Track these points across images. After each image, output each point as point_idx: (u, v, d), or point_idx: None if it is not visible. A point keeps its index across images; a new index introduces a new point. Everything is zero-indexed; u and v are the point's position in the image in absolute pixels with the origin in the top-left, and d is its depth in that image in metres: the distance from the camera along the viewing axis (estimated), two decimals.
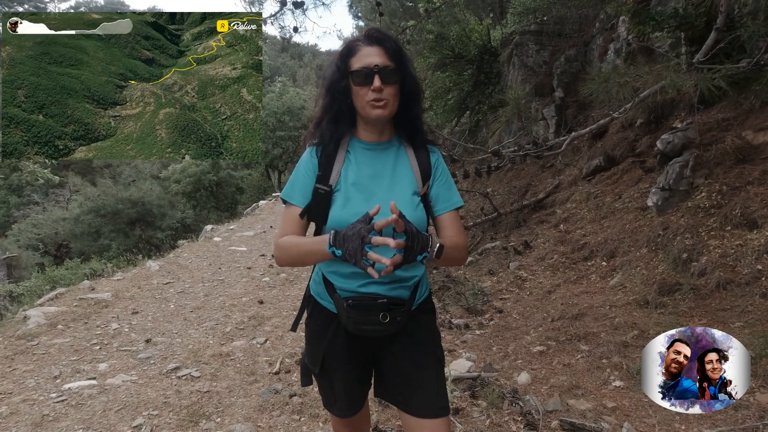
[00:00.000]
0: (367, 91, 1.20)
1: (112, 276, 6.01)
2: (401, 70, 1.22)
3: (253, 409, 2.57)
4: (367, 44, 1.22)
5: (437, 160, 1.34)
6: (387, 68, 1.19)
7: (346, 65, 1.23)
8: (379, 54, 1.20)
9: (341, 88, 1.24)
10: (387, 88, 1.20)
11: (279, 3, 5.83)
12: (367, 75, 1.19)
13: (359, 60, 1.21)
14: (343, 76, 1.23)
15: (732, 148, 3.85)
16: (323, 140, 1.28)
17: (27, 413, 2.56)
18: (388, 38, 1.23)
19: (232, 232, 9.29)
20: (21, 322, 4.04)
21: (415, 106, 1.30)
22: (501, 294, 4.31)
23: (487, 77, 9.10)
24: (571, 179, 5.85)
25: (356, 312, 1.21)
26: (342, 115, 1.26)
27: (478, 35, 9.56)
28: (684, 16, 4.00)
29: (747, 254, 3.18)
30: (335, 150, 1.27)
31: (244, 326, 3.89)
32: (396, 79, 1.21)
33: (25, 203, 21.73)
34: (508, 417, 2.37)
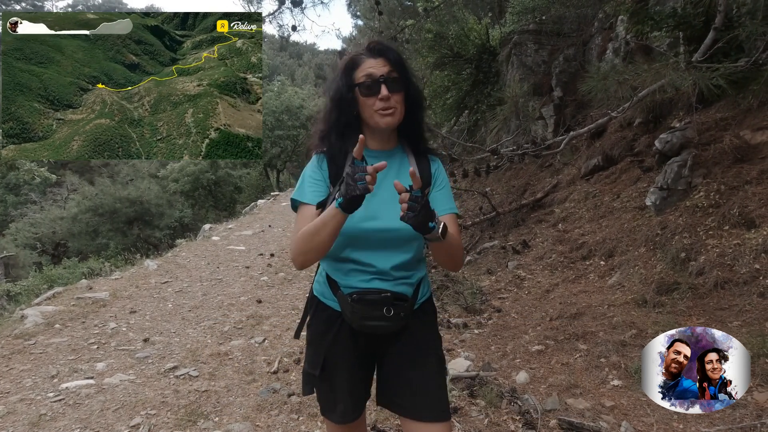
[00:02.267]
0: (375, 101, 1.25)
1: (109, 275, 6.00)
2: (405, 79, 1.28)
3: (251, 408, 2.57)
4: (370, 56, 1.27)
5: (438, 169, 1.38)
6: (392, 78, 1.24)
7: (350, 78, 1.28)
8: (383, 64, 1.26)
9: (348, 101, 1.28)
10: (394, 96, 1.24)
11: (277, 1, 5.83)
12: (373, 85, 1.24)
13: (363, 71, 1.26)
14: (349, 89, 1.27)
15: (730, 148, 3.86)
16: (333, 153, 1.32)
17: (24, 413, 2.55)
18: (389, 49, 1.29)
19: (230, 231, 9.27)
20: (18, 321, 4.02)
21: (418, 113, 1.35)
22: (499, 293, 4.32)
23: (486, 76, 9.10)
24: (570, 179, 5.85)
25: (360, 306, 1.23)
26: (349, 127, 1.30)
27: (477, 34, 9.55)
28: (682, 15, 4.01)
29: (745, 253, 3.19)
30: (344, 162, 1.30)
31: (242, 325, 3.89)
32: (401, 87, 1.26)
33: (22, 202, 21.66)
34: (507, 416, 2.37)
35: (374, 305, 1.23)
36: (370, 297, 1.23)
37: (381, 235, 1.25)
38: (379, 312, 1.22)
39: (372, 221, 1.24)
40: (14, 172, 20.22)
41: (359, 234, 1.24)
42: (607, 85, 3.83)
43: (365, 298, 1.23)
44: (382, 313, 1.22)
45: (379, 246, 1.26)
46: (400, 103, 1.27)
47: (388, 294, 1.23)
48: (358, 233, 1.24)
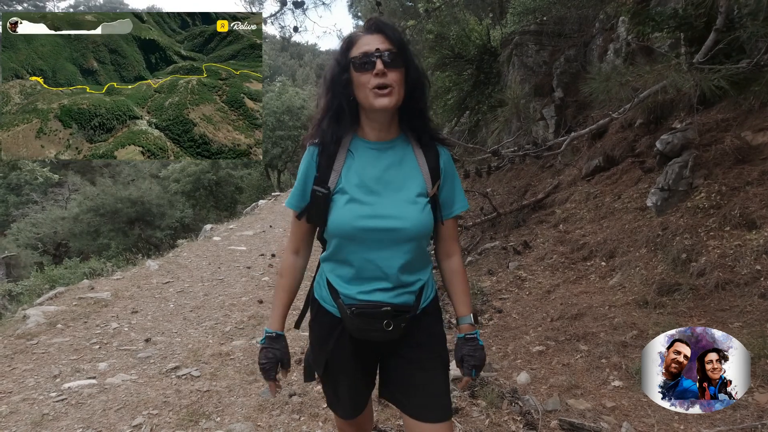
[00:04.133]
0: (369, 77, 1.14)
1: (111, 275, 6.01)
2: (404, 55, 1.17)
3: (252, 408, 2.57)
4: (367, 33, 1.18)
5: (447, 160, 1.28)
6: (389, 52, 1.14)
7: (346, 57, 1.18)
8: (381, 40, 1.16)
9: (342, 82, 1.18)
10: (390, 73, 1.13)
11: (279, 3, 5.84)
12: (368, 60, 1.13)
13: (359, 48, 1.16)
14: (344, 69, 1.18)
15: (731, 149, 3.85)
16: (324, 140, 1.23)
17: (27, 412, 2.56)
18: (388, 26, 1.19)
19: (231, 231, 9.28)
20: (20, 321, 4.04)
21: (420, 97, 1.22)
22: (500, 294, 4.32)
23: (487, 77, 9.10)
24: (571, 179, 5.85)
25: (360, 320, 1.20)
26: (343, 112, 1.21)
27: (478, 35, 9.56)
28: (683, 16, 4.00)
29: (746, 254, 3.19)
30: (336, 151, 1.23)
31: (243, 326, 3.90)
32: (399, 63, 1.15)
33: (23, 202, 21.68)
34: (508, 417, 2.37)
35: (374, 319, 1.19)
36: (370, 311, 1.19)
37: (384, 235, 1.18)
38: (380, 325, 1.19)
39: (375, 220, 1.18)
40: (16, 172, 20.28)
41: (362, 233, 1.18)
42: (609, 86, 3.84)
43: (365, 313, 1.20)
44: (382, 327, 1.19)
45: (382, 246, 1.20)
46: (398, 83, 1.15)
47: (388, 308, 1.19)
48: (361, 232, 1.18)
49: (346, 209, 1.19)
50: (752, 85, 3.75)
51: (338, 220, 1.19)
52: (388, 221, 1.18)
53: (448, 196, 1.29)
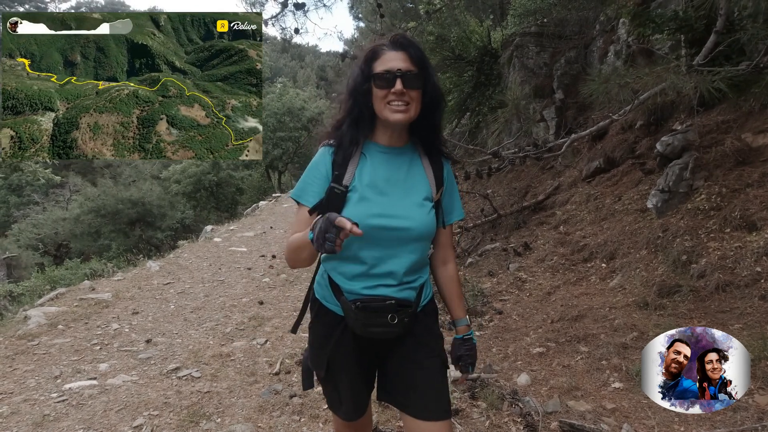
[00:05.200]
0: (387, 94, 1.20)
1: (112, 276, 6.02)
2: (424, 77, 1.23)
3: (253, 409, 2.58)
4: (391, 49, 1.23)
5: (449, 171, 1.38)
6: (410, 73, 1.20)
7: (369, 68, 1.25)
8: (403, 59, 1.21)
9: (363, 91, 1.25)
10: (409, 92, 1.20)
11: (280, 4, 5.84)
12: (389, 79, 1.20)
13: (383, 64, 1.22)
14: (366, 79, 1.25)
15: (731, 151, 3.86)
16: (343, 142, 1.29)
17: (28, 413, 2.56)
18: (412, 44, 1.24)
19: (232, 232, 9.29)
20: (21, 322, 4.04)
21: (435, 114, 1.30)
22: (501, 295, 4.32)
23: (488, 79, 9.10)
24: (571, 181, 5.86)
25: (365, 314, 1.23)
26: (363, 118, 1.27)
27: (479, 37, 9.56)
28: (684, 18, 4.01)
29: (746, 256, 3.19)
30: (352, 152, 1.28)
31: (244, 327, 3.90)
32: (418, 84, 1.21)
33: (25, 203, 21.69)
34: (508, 418, 2.37)
35: (379, 313, 1.22)
36: (375, 305, 1.23)
37: (392, 234, 1.24)
38: (384, 319, 1.22)
39: (384, 219, 1.23)
40: (18, 173, 20.31)
41: (370, 232, 1.20)
42: (609, 88, 3.84)
43: (370, 306, 1.22)
44: (387, 320, 1.22)
45: (389, 245, 1.24)
46: (416, 101, 1.22)
47: (392, 301, 1.23)
48: (370, 230, 1.20)
49: (357, 207, 1.24)
50: (752, 87, 3.75)
51: (352, 217, 1.22)
52: (397, 221, 1.24)
53: (448, 204, 1.38)
